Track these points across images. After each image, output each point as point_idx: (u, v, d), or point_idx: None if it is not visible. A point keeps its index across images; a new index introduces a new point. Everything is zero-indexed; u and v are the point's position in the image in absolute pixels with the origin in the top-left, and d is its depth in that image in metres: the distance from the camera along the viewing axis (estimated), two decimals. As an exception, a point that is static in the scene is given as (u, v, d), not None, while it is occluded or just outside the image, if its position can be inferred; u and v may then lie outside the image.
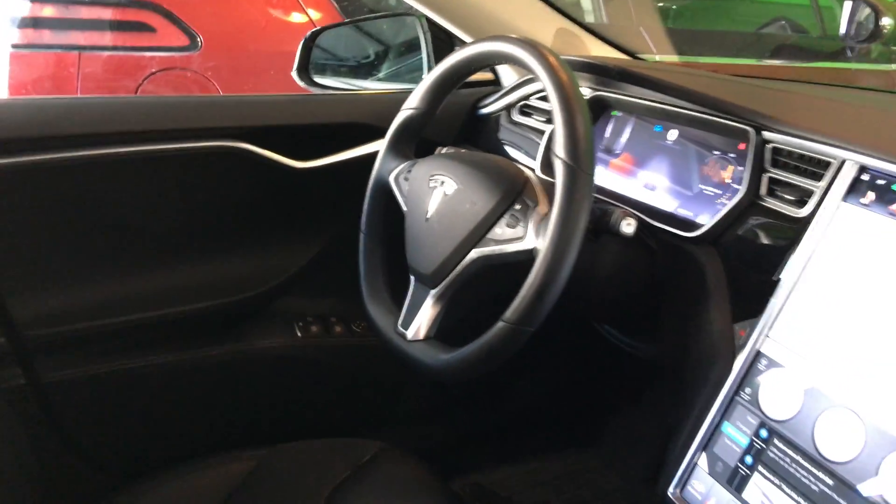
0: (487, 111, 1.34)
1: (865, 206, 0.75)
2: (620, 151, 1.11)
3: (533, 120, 1.24)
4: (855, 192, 0.77)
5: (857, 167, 0.77)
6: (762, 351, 0.79)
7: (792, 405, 0.74)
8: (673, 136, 1.04)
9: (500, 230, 0.85)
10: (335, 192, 1.22)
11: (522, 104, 1.27)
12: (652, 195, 1.03)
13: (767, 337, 0.79)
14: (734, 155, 0.94)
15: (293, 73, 1.43)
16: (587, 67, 1.11)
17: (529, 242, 0.81)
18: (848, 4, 2.11)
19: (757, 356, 0.79)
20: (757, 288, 0.82)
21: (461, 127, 1.35)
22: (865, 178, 0.76)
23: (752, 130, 0.89)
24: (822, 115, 0.92)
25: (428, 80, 1.01)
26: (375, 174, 1.04)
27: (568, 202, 0.77)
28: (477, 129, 1.35)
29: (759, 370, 0.79)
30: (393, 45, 1.56)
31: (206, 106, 1.21)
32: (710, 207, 0.95)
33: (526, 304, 0.77)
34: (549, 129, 1.15)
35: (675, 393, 0.90)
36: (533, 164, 1.16)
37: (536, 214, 0.83)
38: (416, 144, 1.06)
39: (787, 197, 0.84)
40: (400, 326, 0.94)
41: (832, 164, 0.79)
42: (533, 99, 1.24)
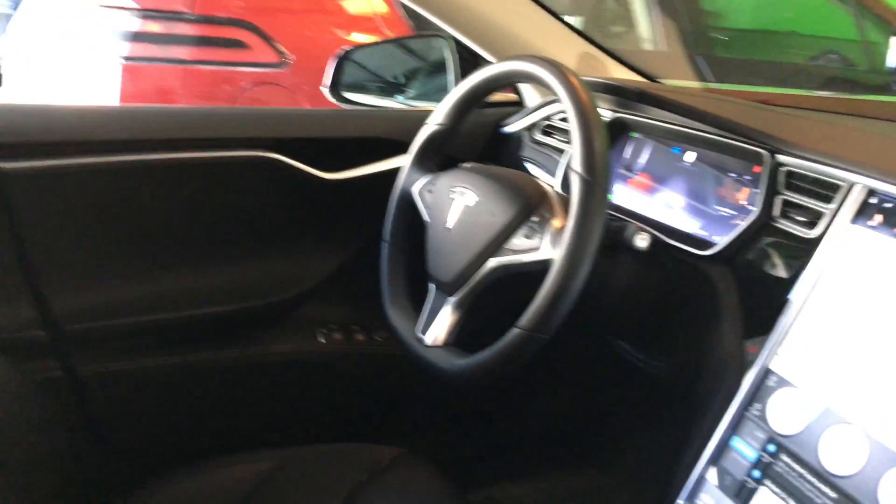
0: (510, 130, 1.37)
1: (873, 228, 0.77)
2: (638, 172, 1.14)
3: (555, 140, 1.27)
4: (863, 214, 0.79)
5: (865, 190, 0.79)
6: (772, 368, 0.81)
7: (799, 420, 0.76)
8: (690, 158, 1.06)
9: (517, 241, 0.88)
10: (361, 203, 1.25)
11: (545, 124, 1.31)
12: (668, 214, 1.06)
13: (777, 354, 0.81)
14: (749, 177, 0.96)
15: (323, 88, 1.48)
16: (607, 89, 1.15)
17: (545, 253, 0.84)
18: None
19: (766, 373, 0.81)
20: (768, 306, 0.84)
21: (485, 145, 1.39)
22: (874, 201, 0.78)
23: (766, 153, 0.92)
24: (834, 140, 0.95)
25: (452, 96, 1.04)
26: (400, 185, 1.08)
27: (583, 214, 0.80)
28: (500, 147, 1.39)
29: (768, 386, 0.81)
30: (421, 65, 1.60)
31: (240, 117, 1.26)
32: (724, 227, 0.97)
33: (540, 311, 0.80)
34: (570, 148, 1.19)
35: (685, 408, 0.93)
36: (553, 181, 1.19)
37: (553, 226, 0.86)
38: (439, 159, 1.10)
39: (798, 218, 0.86)
40: (419, 332, 0.97)
41: (842, 187, 0.81)
42: (555, 119, 1.28)
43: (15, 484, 0.80)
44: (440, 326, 0.95)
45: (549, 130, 1.30)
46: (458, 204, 0.96)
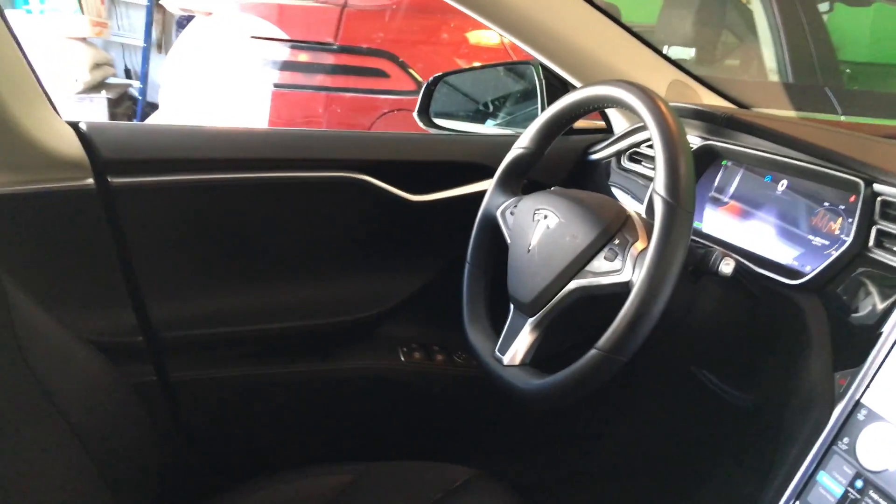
0: (598, 157, 1.37)
1: (975, 258, 0.74)
2: (729, 200, 1.12)
3: (642, 167, 1.26)
4: (964, 244, 0.75)
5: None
6: (862, 401, 0.78)
7: (889, 456, 0.73)
8: (782, 186, 1.04)
9: (598, 263, 0.88)
10: (446, 225, 1.28)
11: (632, 151, 1.30)
12: (758, 243, 1.04)
13: (868, 388, 0.78)
14: (843, 207, 0.94)
15: (414, 114, 1.52)
16: (696, 115, 1.14)
17: (626, 275, 0.84)
18: None
19: (856, 406, 0.78)
20: (859, 338, 0.81)
21: (571, 171, 1.39)
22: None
23: (862, 182, 0.89)
24: None
25: (539, 121, 1.06)
26: (483, 207, 1.10)
27: (665, 237, 0.79)
28: (586, 174, 1.39)
29: (857, 420, 0.77)
30: (511, 91, 1.62)
31: (333, 140, 1.31)
32: (816, 257, 0.94)
33: (619, 333, 0.79)
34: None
35: (770, 440, 0.90)
36: (639, 207, 1.18)
37: (635, 249, 0.85)
38: (524, 183, 1.11)
39: (894, 249, 0.83)
40: (497, 352, 0.98)
41: None
42: (643, 146, 1.27)
43: (106, 477, 0.85)
44: (518, 346, 0.95)
45: (636, 157, 1.29)
46: (540, 226, 0.96)
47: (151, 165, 1.15)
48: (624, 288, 0.83)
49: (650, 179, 1.20)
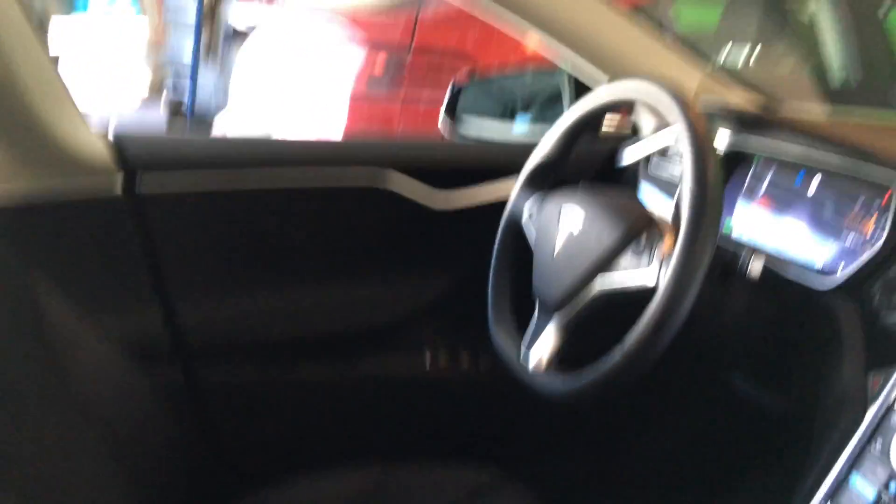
0: (626, 160, 1.36)
1: None
2: (759, 199, 1.10)
3: (669, 170, 1.25)
4: None
5: None
6: (896, 403, 0.76)
7: (926, 459, 0.71)
8: (815, 185, 1.02)
9: (623, 263, 0.87)
10: (472, 230, 1.28)
11: (660, 154, 1.29)
12: (789, 243, 1.02)
13: (903, 389, 0.76)
14: (878, 205, 0.91)
15: (440, 120, 1.53)
16: (725, 112, 1.12)
17: (651, 277, 0.83)
18: None
19: (890, 408, 0.76)
20: (893, 338, 0.79)
21: (599, 174, 1.38)
22: None
23: None
24: None
25: (562, 123, 1.05)
26: (508, 209, 1.09)
27: (692, 239, 0.78)
28: (614, 177, 1.38)
29: (892, 422, 0.75)
30: (537, 97, 1.62)
31: (358, 147, 1.32)
32: (848, 257, 0.92)
33: (645, 335, 0.78)
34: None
35: (802, 443, 0.88)
36: (668, 209, 1.17)
37: (660, 251, 0.84)
38: (548, 185, 1.10)
39: None
40: (522, 352, 0.97)
41: None
42: (671, 149, 1.26)
43: (133, 477, 0.86)
44: (543, 346, 0.94)
45: (663, 161, 1.28)
46: (564, 227, 0.96)
47: (178, 174, 1.17)
48: (649, 290, 0.82)
49: (678, 182, 1.19)
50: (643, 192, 1.30)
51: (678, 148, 0.84)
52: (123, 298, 1.17)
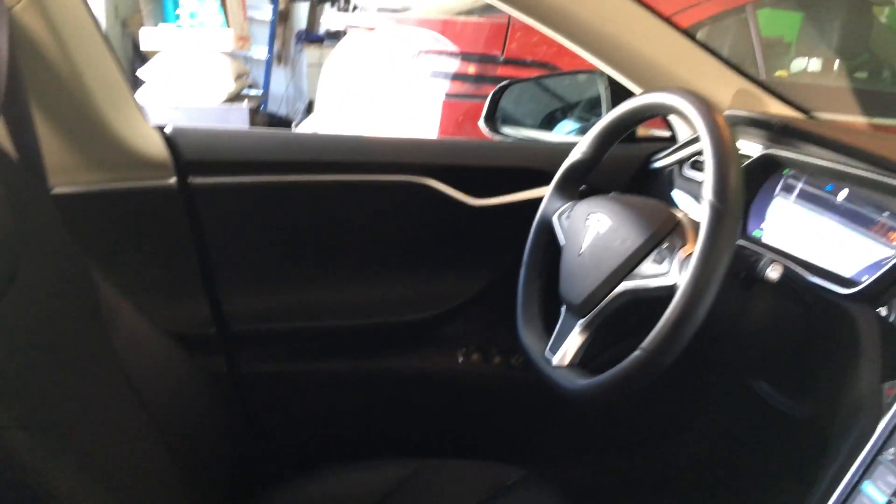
0: (660, 165, 1.38)
1: None
2: (789, 208, 1.11)
3: (700, 176, 1.27)
4: None
5: None
6: (910, 412, 0.77)
7: (935, 468, 0.72)
8: (843, 195, 1.03)
9: (646, 266, 0.90)
10: (506, 229, 1.31)
11: (694, 159, 1.30)
12: (816, 252, 1.03)
13: (917, 398, 0.77)
14: None
15: (480, 122, 1.56)
16: (753, 122, 1.14)
17: (672, 278, 0.85)
18: None
19: (904, 417, 0.78)
20: None
21: (633, 178, 1.41)
22: None
23: None
24: None
25: (596, 128, 1.08)
26: (541, 211, 1.13)
27: (711, 240, 0.80)
28: (649, 181, 1.40)
29: (905, 431, 0.77)
30: (576, 100, 1.64)
31: (399, 145, 1.36)
32: (872, 267, 0.93)
33: (663, 335, 0.81)
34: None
35: (819, 449, 0.89)
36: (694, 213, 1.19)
37: (682, 253, 0.87)
38: (582, 188, 1.13)
39: None
40: (548, 351, 1.01)
41: None
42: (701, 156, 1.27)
43: (178, 457, 0.91)
44: (568, 347, 0.98)
45: (698, 165, 1.30)
46: (592, 229, 0.99)
47: (229, 167, 1.23)
48: (670, 291, 0.85)
49: None
50: (676, 196, 1.32)
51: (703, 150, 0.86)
52: (173, 286, 1.23)
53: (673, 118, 1.40)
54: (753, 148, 1.18)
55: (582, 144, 1.10)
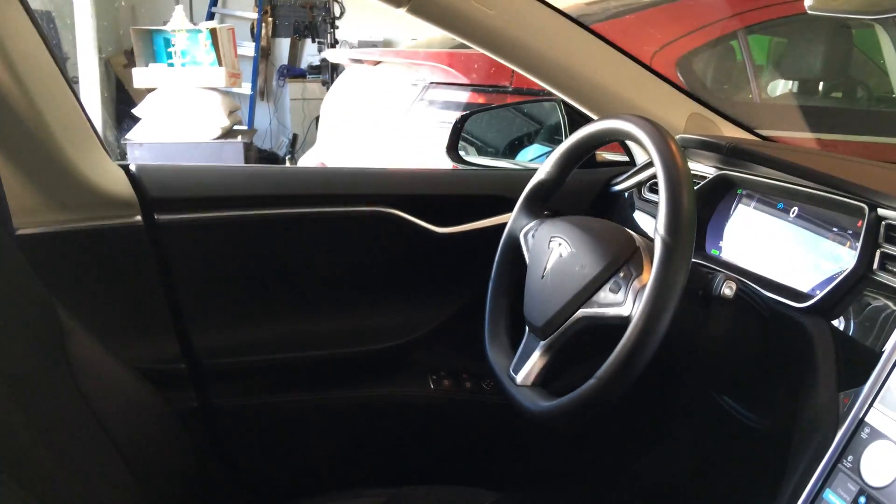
0: (620, 188, 1.41)
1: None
2: (744, 226, 1.15)
3: (657, 197, 1.30)
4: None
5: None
6: (865, 420, 0.80)
7: (892, 473, 0.75)
8: (794, 212, 1.07)
9: (603, 294, 0.92)
10: (472, 256, 1.33)
11: (651, 182, 1.34)
12: (771, 267, 1.06)
13: (871, 407, 0.80)
14: (851, 231, 0.96)
15: (445, 151, 1.59)
16: (704, 145, 1.17)
17: (626, 309, 0.87)
18: None
19: (859, 425, 0.80)
20: (863, 359, 0.84)
21: (594, 201, 1.44)
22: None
23: (866, 207, 0.92)
24: None
25: (558, 150, 1.11)
26: (507, 229, 1.14)
27: (662, 276, 0.82)
28: (610, 204, 1.43)
29: (861, 439, 0.79)
30: (535, 127, 1.68)
31: (364, 176, 1.38)
32: (824, 281, 0.97)
33: (615, 366, 0.83)
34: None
35: (778, 460, 0.92)
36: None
37: (637, 283, 0.89)
38: (546, 209, 1.15)
39: None
40: (511, 370, 1.02)
41: None
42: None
43: (149, 497, 0.91)
44: (531, 367, 0.99)
45: (655, 188, 1.33)
46: (554, 253, 1.01)
47: (194, 203, 1.24)
48: (624, 321, 0.87)
49: None
50: (638, 217, 1.35)
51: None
52: (141, 323, 1.23)
53: (630, 143, 1.43)
54: (708, 170, 1.22)
55: (545, 166, 1.12)
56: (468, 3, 1.17)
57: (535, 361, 0.99)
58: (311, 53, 6.18)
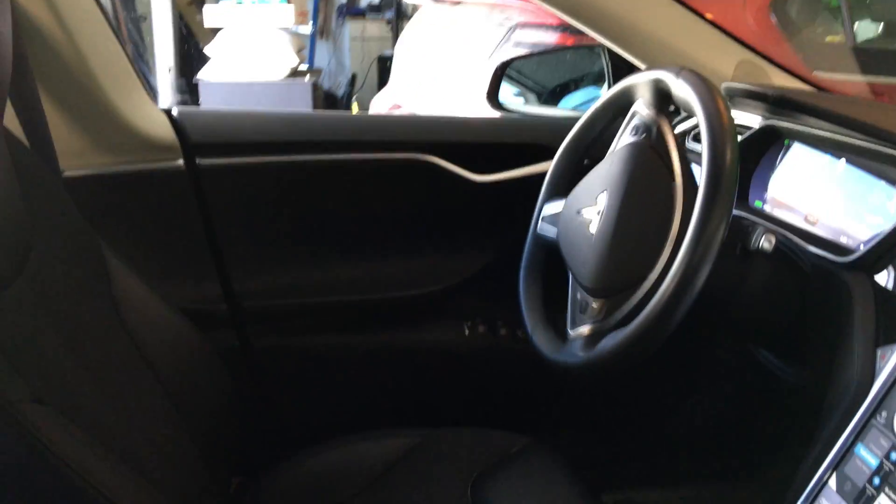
0: None
1: None
2: (790, 177, 1.12)
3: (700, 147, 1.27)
4: None
5: None
6: (902, 376, 0.79)
7: (925, 430, 0.74)
8: (842, 165, 1.04)
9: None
10: (510, 205, 1.32)
11: (695, 131, 1.31)
12: (813, 221, 1.04)
13: (909, 363, 0.79)
14: None
15: (484, 98, 1.57)
16: (750, 95, 1.14)
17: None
18: None
19: (895, 382, 0.79)
20: None
21: None
22: None
23: None
24: None
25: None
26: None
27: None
28: None
29: (896, 395, 0.79)
30: (577, 74, 1.65)
31: (403, 123, 1.38)
32: (869, 235, 0.94)
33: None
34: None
35: (813, 415, 0.91)
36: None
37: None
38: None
39: None
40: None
41: None
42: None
43: (191, 428, 0.95)
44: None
45: (699, 138, 1.30)
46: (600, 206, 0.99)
47: (235, 148, 1.25)
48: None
49: None
50: None
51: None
52: (183, 265, 1.26)
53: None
54: (755, 119, 1.19)
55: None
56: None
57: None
58: (371, -10, 6.05)
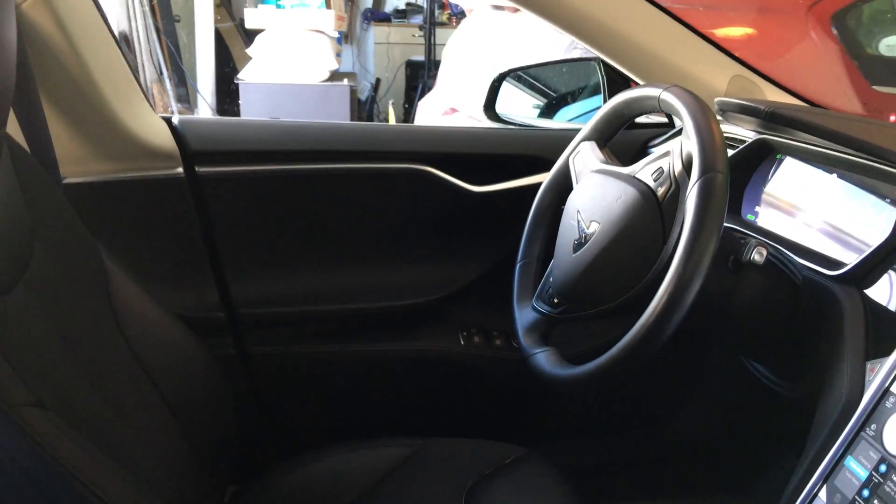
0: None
1: None
2: (781, 192, 1.14)
3: None
4: None
5: None
6: (891, 389, 0.80)
7: (913, 443, 0.75)
8: (832, 179, 1.05)
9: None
10: (505, 215, 1.34)
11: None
12: (806, 234, 1.06)
13: (897, 376, 0.80)
14: (890, 200, 0.95)
15: (482, 109, 1.59)
16: (742, 109, 1.16)
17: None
18: None
19: (884, 394, 0.80)
20: (892, 329, 0.83)
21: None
22: None
23: None
24: None
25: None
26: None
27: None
28: None
29: (885, 407, 0.80)
30: (572, 87, 1.66)
31: (401, 133, 1.39)
32: (858, 249, 0.96)
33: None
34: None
35: (804, 426, 0.92)
36: None
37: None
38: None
39: None
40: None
41: None
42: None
43: (189, 435, 0.95)
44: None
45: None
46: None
47: (235, 156, 1.26)
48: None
49: None
50: None
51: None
52: (181, 272, 1.27)
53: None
54: (747, 133, 1.21)
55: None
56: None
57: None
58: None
